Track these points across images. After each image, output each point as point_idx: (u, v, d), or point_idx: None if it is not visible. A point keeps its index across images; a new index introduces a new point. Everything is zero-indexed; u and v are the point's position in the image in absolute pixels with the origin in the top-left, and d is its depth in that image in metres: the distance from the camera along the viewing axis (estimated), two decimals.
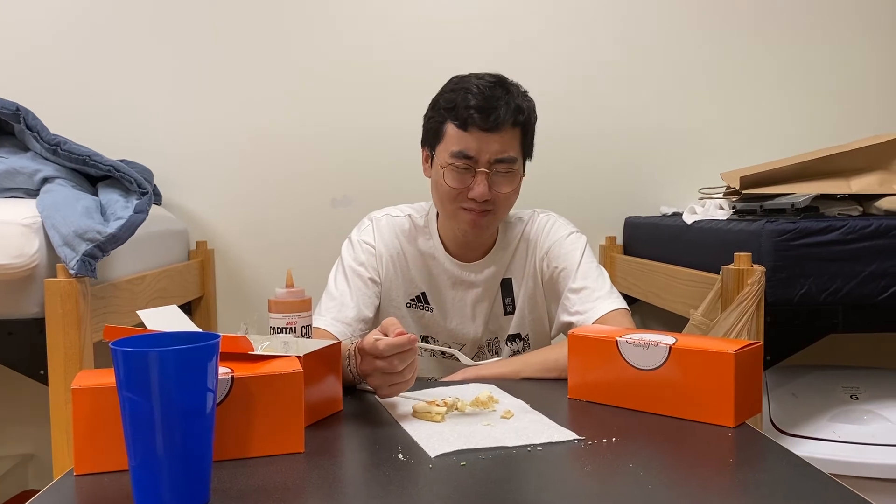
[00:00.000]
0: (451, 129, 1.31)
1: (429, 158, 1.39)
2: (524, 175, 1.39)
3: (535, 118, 1.37)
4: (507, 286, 1.45)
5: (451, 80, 1.37)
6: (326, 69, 2.28)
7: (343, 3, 2.27)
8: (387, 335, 1.00)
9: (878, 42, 2.36)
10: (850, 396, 1.68)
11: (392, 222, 1.46)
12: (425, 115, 1.39)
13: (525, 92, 1.36)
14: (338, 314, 1.37)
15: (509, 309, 1.46)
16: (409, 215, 1.47)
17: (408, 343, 0.98)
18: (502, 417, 0.99)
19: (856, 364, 1.99)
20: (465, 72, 1.36)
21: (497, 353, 1.48)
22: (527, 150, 1.38)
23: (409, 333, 0.99)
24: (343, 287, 1.40)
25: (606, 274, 1.42)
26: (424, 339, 1.47)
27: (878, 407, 1.64)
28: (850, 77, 2.36)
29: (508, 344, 1.47)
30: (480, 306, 1.45)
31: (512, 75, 1.37)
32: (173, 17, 2.24)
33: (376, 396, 1.10)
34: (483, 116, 1.27)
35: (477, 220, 1.34)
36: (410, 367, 1.02)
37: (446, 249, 1.43)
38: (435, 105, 1.36)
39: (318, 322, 1.35)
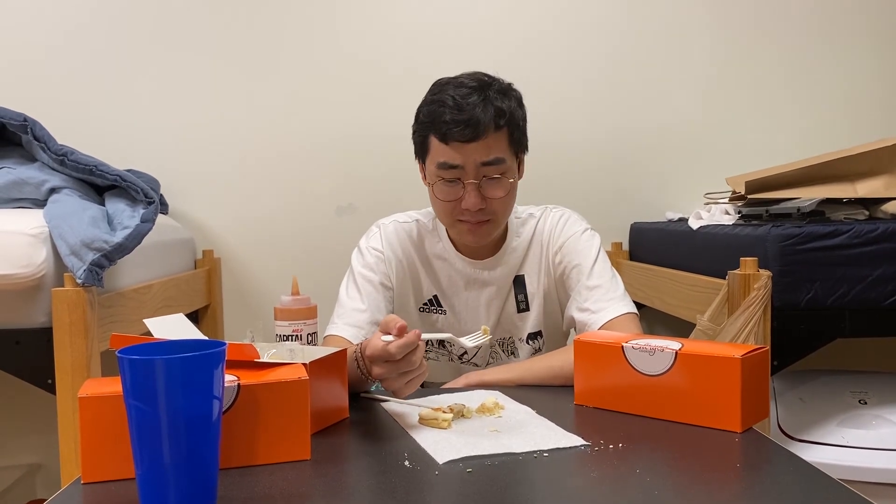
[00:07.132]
0: (434, 141, 1.28)
1: (423, 170, 1.37)
2: (521, 175, 1.36)
3: (522, 113, 1.32)
4: (519, 283, 1.42)
5: (431, 88, 1.32)
6: (331, 78, 2.30)
7: (349, 11, 2.29)
8: (388, 332, 0.99)
9: (885, 46, 2.36)
10: (859, 401, 1.67)
11: (400, 228, 1.44)
12: (412, 128, 1.35)
13: (506, 88, 1.30)
14: (349, 319, 1.34)
15: (522, 306, 1.43)
16: (417, 220, 1.45)
17: (416, 339, 0.98)
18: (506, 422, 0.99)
19: (863, 368, 1.98)
20: None
21: (513, 353, 1.46)
22: (517, 147, 1.32)
23: (409, 328, 0.99)
24: (354, 294, 1.38)
25: (619, 277, 1.40)
26: (440, 343, 1.46)
27: (887, 412, 1.63)
28: (856, 81, 2.36)
29: (529, 342, 1.45)
30: (494, 304, 1.43)
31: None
32: (178, 26, 2.26)
33: (383, 405, 1.10)
34: (462, 129, 1.24)
35: (475, 230, 1.32)
36: (421, 359, 1.01)
37: (457, 249, 1.42)
38: (417, 117, 1.33)
39: (330, 330, 1.34)
